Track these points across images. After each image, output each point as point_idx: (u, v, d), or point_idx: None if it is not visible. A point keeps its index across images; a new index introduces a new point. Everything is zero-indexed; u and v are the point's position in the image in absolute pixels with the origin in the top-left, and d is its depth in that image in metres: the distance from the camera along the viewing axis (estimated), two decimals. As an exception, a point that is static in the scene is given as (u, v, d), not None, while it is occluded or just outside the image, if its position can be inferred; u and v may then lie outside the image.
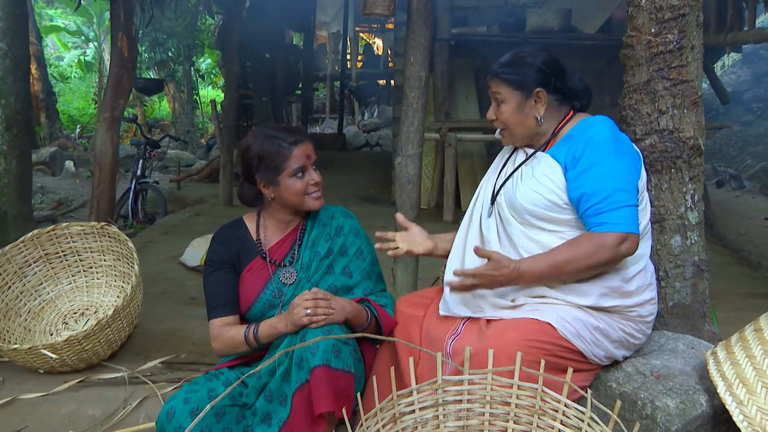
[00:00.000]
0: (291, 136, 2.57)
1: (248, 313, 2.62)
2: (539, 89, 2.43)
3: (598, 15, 7.69)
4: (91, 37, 19.21)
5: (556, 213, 2.35)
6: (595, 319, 2.33)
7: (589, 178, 2.27)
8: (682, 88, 2.73)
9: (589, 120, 2.44)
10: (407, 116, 3.79)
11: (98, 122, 4.46)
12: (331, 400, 2.25)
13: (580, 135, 2.37)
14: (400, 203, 3.81)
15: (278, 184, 2.56)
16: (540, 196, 2.35)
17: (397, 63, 8.30)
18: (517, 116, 2.46)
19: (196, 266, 5.10)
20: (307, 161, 2.58)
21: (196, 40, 16.83)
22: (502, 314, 2.37)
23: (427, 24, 3.77)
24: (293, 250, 2.67)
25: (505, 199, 2.46)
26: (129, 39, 4.37)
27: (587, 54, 7.75)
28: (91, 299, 3.95)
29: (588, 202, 2.26)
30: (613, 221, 2.23)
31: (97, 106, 17.60)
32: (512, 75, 2.45)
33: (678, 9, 2.70)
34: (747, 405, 2.08)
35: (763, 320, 2.28)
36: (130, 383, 3.31)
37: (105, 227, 3.83)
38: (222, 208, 7.66)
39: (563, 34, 7.48)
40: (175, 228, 6.29)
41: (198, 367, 3.56)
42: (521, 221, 2.40)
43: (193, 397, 2.38)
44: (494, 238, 2.47)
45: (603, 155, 2.30)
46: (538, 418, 2.08)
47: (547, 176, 2.37)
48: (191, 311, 4.23)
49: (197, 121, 18.63)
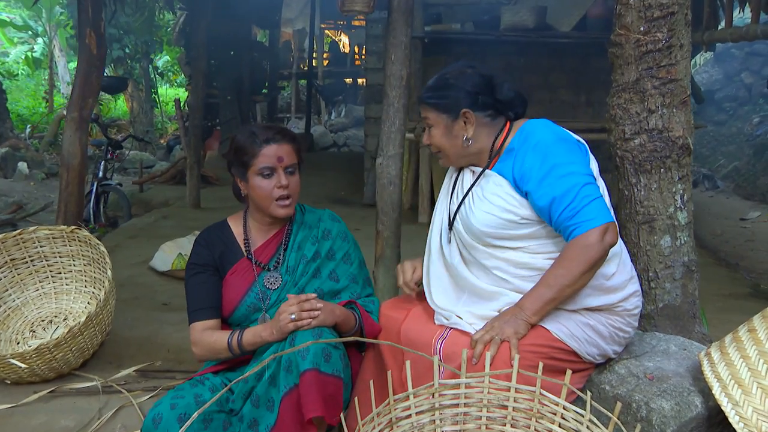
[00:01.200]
0: (266, 134, 2.58)
1: (231, 317, 2.62)
2: (465, 110, 2.46)
3: (573, 13, 7.76)
4: (39, 32, 18.92)
5: (514, 230, 2.39)
6: (585, 317, 2.38)
7: (553, 182, 2.30)
8: (671, 87, 2.79)
9: (526, 127, 2.47)
10: (388, 116, 3.80)
11: (66, 122, 4.40)
12: (321, 404, 2.25)
13: (522, 145, 2.41)
14: (381, 205, 3.83)
15: (247, 181, 2.59)
16: (494, 217, 2.39)
17: (369, 61, 8.31)
18: (447, 139, 2.51)
19: (166, 271, 5.06)
20: (278, 163, 2.56)
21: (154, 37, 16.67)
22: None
23: (408, 22, 3.79)
24: (278, 254, 2.67)
25: (462, 225, 2.50)
26: (97, 35, 4.32)
27: (562, 52, 7.84)
28: (60, 306, 3.91)
29: (561, 205, 2.28)
30: (590, 216, 2.26)
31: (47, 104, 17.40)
32: (437, 99, 2.50)
33: (667, 7, 2.76)
34: (743, 406, 2.12)
35: (757, 320, 2.33)
36: (104, 392, 3.28)
37: (75, 231, 3.79)
38: (189, 211, 7.61)
39: (538, 32, 7.53)
40: (141, 232, 6.24)
41: (174, 374, 3.55)
42: (484, 244, 2.43)
43: (180, 402, 2.37)
44: (459, 263, 2.51)
45: (556, 157, 2.33)
46: (535, 422, 2.11)
47: (498, 195, 2.41)
48: (164, 317, 4.20)
49: (156, 121, 18.46)
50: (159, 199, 8.52)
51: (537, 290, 2.31)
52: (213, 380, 2.55)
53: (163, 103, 19.09)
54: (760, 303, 4.72)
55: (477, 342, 2.27)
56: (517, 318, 2.30)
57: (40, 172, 12.01)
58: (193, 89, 7.70)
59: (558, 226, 2.32)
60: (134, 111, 17.43)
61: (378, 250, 3.83)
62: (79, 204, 4.51)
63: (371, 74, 8.29)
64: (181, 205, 7.95)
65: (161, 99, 18.90)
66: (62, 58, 19.10)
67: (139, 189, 9.71)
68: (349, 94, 19.65)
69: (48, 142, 14.46)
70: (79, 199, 4.50)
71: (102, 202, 7.64)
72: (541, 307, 2.30)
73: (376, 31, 8.21)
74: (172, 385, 3.38)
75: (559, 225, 2.31)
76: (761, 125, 12.59)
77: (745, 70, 14.46)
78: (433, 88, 2.53)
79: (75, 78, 4.69)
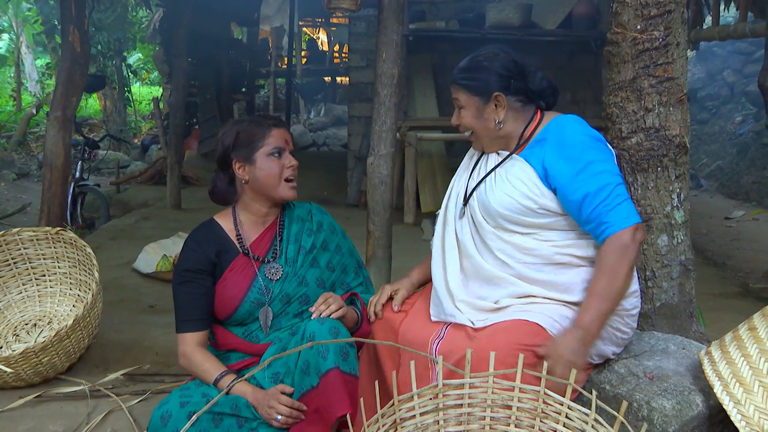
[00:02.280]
0: (271, 119, 2.68)
1: (236, 314, 2.62)
2: (498, 93, 2.49)
3: (558, 11, 7.84)
4: (5, 27, 18.70)
5: (530, 217, 2.43)
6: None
7: (587, 178, 2.35)
8: (668, 86, 2.83)
9: (560, 120, 2.51)
10: (379, 114, 3.83)
11: (48, 121, 4.38)
12: (347, 402, 2.29)
13: (555, 137, 2.44)
14: (372, 205, 3.86)
15: (253, 162, 2.60)
16: (514, 200, 2.43)
17: (352, 59, 8.33)
18: (478, 121, 2.54)
19: (151, 273, 5.05)
20: (286, 145, 2.64)
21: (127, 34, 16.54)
22: (488, 318, 2.43)
23: (399, 20, 3.82)
24: (274, 246, 2.69)
25: (478, 203, 2.54)
26: (81, 33, 4.28)
27: (547, 50, 7.91)
28: (44, 309, 3.89)
29: (594, 201, 2.33)
30: (622, 216, 2.32)
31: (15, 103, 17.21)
32: (470, 81, 2.52)
33: (664, 5, 2.79)
34: (744, 405, 2.16)
35: (757, 319, 2.37)
36: (92, 397, 3.28)
37: (60, 232, 3.77)
38: (170, 212, 7.58)
39: (523, 30, 7.60)
40: (122, 233, 6.22)
41: (163, 378, 3.55)
42: (495, 225, 2.48)
43: (190, 400, 2.41)
44: (468, 241, 2.55)
45: (591, 154, 2.39)
46: (540, 421, 2.14)
47: (521, 180, 2.44)
48: (151, 320, 4.19)
49: (130, 120, 18.31)
50: (138, 199, 8.48)
51: (592, 306, 2.33)
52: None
53: (137, 102, 18.94)
54: (751, 302, 4.80)
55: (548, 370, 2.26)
56: (579, 342, 2.30)
57: (10, 172, 11.89)
58: (174, 88, 7.67)
59: (588, 222, 2.37)
60: (107, 110, 17.27)
61: (369, 251, 3.85)
62: (62, 205, 4.49)
63: (355, 72, 8.31)
64: (162, 206, 7.92)
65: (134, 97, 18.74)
66: (29, 55, 18.92)
67: (116, 190, 9.65)
68: (328, 93, 19.65)
69: (16, 141, 14.31)
70: (62, 200, 4.49)
71: (79, 203, 7.59)
72: (601, 322, 2.34)
73: (360, 28, 8.23)
74: (161, 389, 3.39)
75: (590, 221, 2.36)
76: (744, 124, 12.76)
77: (727, 68, 14.64)
78: (466, 70, 2.54)
79: (57, 76, 4.66)
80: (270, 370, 2.51)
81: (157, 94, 17.48)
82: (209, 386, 2.54)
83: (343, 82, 21.10)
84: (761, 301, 4.83)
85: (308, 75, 19.06)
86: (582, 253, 2.44)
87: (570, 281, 2.42)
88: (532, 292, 2.42)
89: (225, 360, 2.64)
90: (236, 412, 2.45)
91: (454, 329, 2.46)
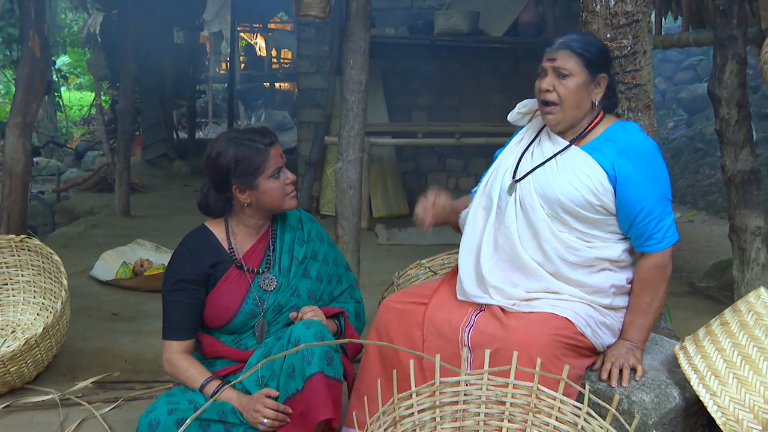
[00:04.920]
0: (265, 138, 2.63)
1: (230, 325, 2.63)
2: (604, 75, 2.56)
3: (504, 18, 8.01)
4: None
5: (587, 212, 2.50)
6: (602, 315, 2.53)
7: (649, 190, 2.48)
8: (637, 92, 2.95)
9: (627, 126, 2.59)
10: (347, 120, 3.89)
11: (8, 127, 4.31)
12: (332, 407, 2.33)
13: (626, 142, 2.51)
14: (341, 210, 3.90)
15: (256, 188, 2.59)
16: (578, 192, 2.48)
17: (302, 65, 8.35)
18: (579, 94, 2.53)
19: (111, 280, 4.99)
20: (281, 160, 2.65)
21: (56, 38, 16.16)
22: (517, 304, 2.51)
23: (367, 26, 3.90)
24: (267, 256, 2.70)
25: (534, 186, 2.56)
26: (41, 38, 4.22)
27: (495, 57, 8.07)
28: (6, 318, 3.82)
29: (649, 215, 2.46)
30: (668, 234, 2.49)
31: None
32: (587, 51, 2.53)
33: (632, 15, 2.92)
34: (720, 396, 2.29)
35: (728, 314, 2.51)
36: (63, 405, 3.23)
37: (25, 240, 3.71)
38: (119, 219, 7.48)
39: (471, 37, 7.75)
40: (73, 241, 6.13)
41: (133, 385, 3.53)
42: (549, 212, 2.52)
43: (177, 407, 2.41)
44: (511, 219, 2.57)
45: (657, 168, 2.53)
46: (533, 416, 2.22)
47: (587, 175, 2.49)
48: (118, 327, 4.15)
49: (61, 126, 17.88)
50: (83, 207, 8.32)
51: (637, 321, 2.54)
52: (204, 388, 2.58)
53: (67, 107, 18.51)
54: (700, 300, 5.01)
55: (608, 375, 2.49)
56: (631, 349, 2.53)
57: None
58: (122, 93, 7.57)
59: (639, 232, 2.49)
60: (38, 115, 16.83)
61: (338, 255, 3.89)
62: (23, 212, 4.41)
63: (304, 78, 8.32)
64: (110, 213, 7.79)
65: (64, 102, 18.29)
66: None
67: (57, 198, 9.44)
68: (268, 99, 19.54)
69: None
70: (23, 207, 4.40)
71: (22, 211, 7.42)
72: (647, 334, 2.57)
73: (309, 34, 8.25)
74: (133, 396, 3.37)
75: (642, 232, 2.48)
76: (676, 129, 13.16)
77: (658, 75, 15.09)
78: (583, 41, 2.56)
79: (17, 82, 4.58)
80: (254, 373, 2.53)
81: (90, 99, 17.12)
82: (195, 392, 2.54)
83: (282, 87, 21.03)
84: (709, 299, 5.05)
85: (247, 80, 18.89)
86: (615, 257, 2.54)
87: (599, 284, 2.52)
88: (563, 290, 2.51)
89: (210, 366, 2.64)
90: (223, 418, 2.47)
91: (485, 317, 2.50)
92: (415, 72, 8.42)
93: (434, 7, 8.33)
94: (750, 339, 2.33)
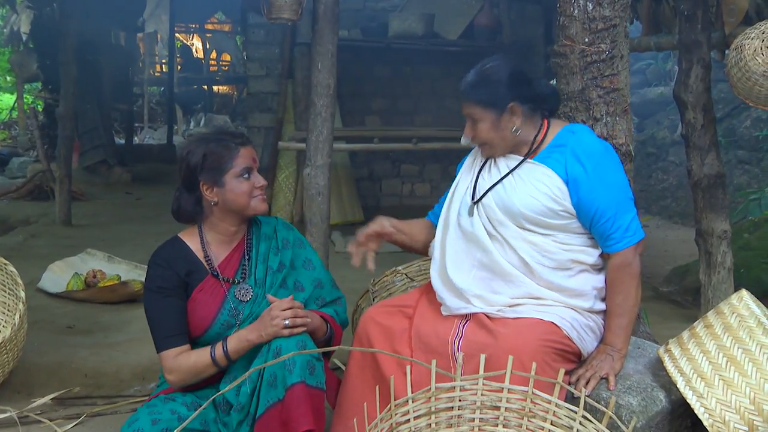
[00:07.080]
0: (237, 138, 2.69)
1: (204, 336, 2.63)
2: (512, 104, 2.64)
3: (458, 21, 8.12)
4: None
5: (552, 219, 2.60)
6: (586, 318, 2.62)
7: (603, 190, 2.57)
8: (614, 96, 3.06)
9: (575, 130, 2.71)
10: (315, 125, 3.92)
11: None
12: (312, 417, 2.36)
13: (575, 145, 2.62)
14: (310, 216, 3.93)
15: (223, 185, 2.62)
16: (539, 202, 2.59)
17: (251, 68, 8.31)
18: (495, 132, 2.67)
19: (62, 292, 4.91)
20: (253, 164, 2.68)
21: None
22: (502, 310, 2.60)
23: (335, 30, 3.93)
24: (243, 265, 2.72)
25: (496, 202, 2.66)
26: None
27: (449, 60, 8.15)
28: (-46, 334, 3.72)
29: (605, 215, 2.56)
30: (629, 232, 2.58)
31: None
32: (481, 95, 2.65)
33: (610, 20, 3.02)
34: (707, 398, 2.38)
35: (712, 316, 2.61)
36: (21, 424, 3.18)
37: (-23, 251, 3.64)
38: (60, 228, 7.32)
39: (426, 40, 7.82)
40: (12, 252, 5.95)
41: (95, 400, 3.50)
42: (518, 224, 2.62)
43: (161, 417, 2.41)
44: (484, 236, 2.66)
45: (608, 168, 2.62)
46: (527, 420, 2.29)
47: (545, 184, 2.61)
48: (74, 341, 4.09)
49: (-21, 130, 17.34)
50: (18, 216, 8.09)
51: (612, 323, 2.63)
52: (184, 398, 2.58)
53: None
54: (665, 305, 5.17)
55: (579, 379, 2.54)
56: (610, 355, 2.60)
57: None
58: (63, 97, 7.41)
59: (598, 233, 2.60)
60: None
61: (306, 263, 3.91)
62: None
63: (254, 82, 8.29)
64: (49, 222, 7.63)
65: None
66: None
67: (-16, 207, 9.15)
68: (207, 103, 19.35)
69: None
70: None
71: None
72: (625, 336, 2.63)
73: (258, 37, 8.23)
74: (96, 411, 3.36)
75: (601, 232, 2.59)
76: (626, 134, 13.51)
77: (608, 80, 15.45)
78: (475, 85, 2.67)
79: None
80: (233, 380, 2.53)
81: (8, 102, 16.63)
82: (176, 402, 2.55)
83: (220, 90, 20.85)
84: (673, 303, 5.22)
85: (184, 84, 18.65)
86: (590, 260, 2.65)
87: (580, 287, 2.62)
88: (545, 295, 2.60)
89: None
90: (205, 427, 2.49)
91: (473, 326, 2.59)
92: (369, 76, 8.47)
93: (387, 9, 8.39)
94: (734, 341, 2.43)
